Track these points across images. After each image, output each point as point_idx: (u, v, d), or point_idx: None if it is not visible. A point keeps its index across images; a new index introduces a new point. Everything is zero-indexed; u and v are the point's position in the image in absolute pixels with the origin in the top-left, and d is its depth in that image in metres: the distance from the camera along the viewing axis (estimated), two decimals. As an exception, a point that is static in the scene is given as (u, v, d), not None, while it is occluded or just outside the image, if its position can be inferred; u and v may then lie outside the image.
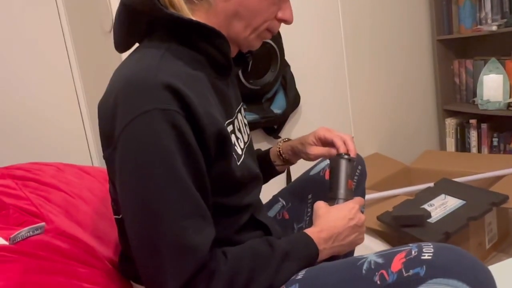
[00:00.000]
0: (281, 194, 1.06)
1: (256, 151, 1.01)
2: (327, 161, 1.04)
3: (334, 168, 0.84)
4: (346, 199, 0.82)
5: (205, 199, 0.63)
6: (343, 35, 1.88)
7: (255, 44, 0.75)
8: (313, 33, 1.80)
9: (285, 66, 1.65)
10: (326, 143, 0.89)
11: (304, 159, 0.94)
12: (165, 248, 0.59)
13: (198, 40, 0.68)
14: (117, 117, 0.61)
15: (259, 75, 1.53)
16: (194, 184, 0.61)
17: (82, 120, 1.65)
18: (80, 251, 0.71)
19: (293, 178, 1.30)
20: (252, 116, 1.56)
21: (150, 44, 0.68)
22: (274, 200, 1.06)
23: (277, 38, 1.56)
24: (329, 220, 0.77)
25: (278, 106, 1.62)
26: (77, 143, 1.65)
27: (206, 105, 0.64)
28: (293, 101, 1.67)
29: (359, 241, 0.80)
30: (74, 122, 1.64)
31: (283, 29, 1.62)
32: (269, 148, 0.99)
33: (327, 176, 1.03)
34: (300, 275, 0.67)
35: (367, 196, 1.54)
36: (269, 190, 1.10)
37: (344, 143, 0.87)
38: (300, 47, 1.75)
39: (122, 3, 0.69)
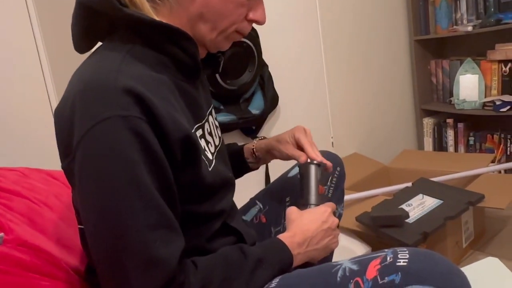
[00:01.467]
0: (258, 197, 1.04)
1: (232, 145, 0.99)
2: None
3: (304, 174, 0.83)
4: (318, 204, 0.81)
5: (173, 209, 0.60)
6: (321, 35, 1.88)
7: (223, 46, 0.72)
8: (291, 32, 1.78)
9: (263, 66, 1.63)
10: (299, 146, 0.88)
11: (277, 157, 0.92)
12: (130, 262, 0.55)
13: (163, 42, 0.64)
14: (74, 125, 0.57)
15: (236, 75, 1.51)
16: (161, 193, 0.58)
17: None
18: (42, 262, 0.67)
19: (272, 180, 1.28)
20: (229, 117, 1.53)
21: (111, 45, 0.64)
22: (251, 203, 1.03)
23: (254, 37, 1.54)
24: (302, 224, 0.75)
25: (256, 107, 1.60)
26: (49, 147, 1.59)
27: (171, 110, 0.61)
28: (271, 101, 1.65)
29: (333, 245, 0.78)
30: (46, 125, 1.58)
31: (260, 28, 1.61)
32: (244, 144, 0.97)
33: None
34: (274, 283, 0.66)
35: (346, 197, 1.53)
36: (247, 192, 1.08)
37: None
38: (278, 47, 1.73)
39: (79, 1, 0.65)
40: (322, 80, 1.91)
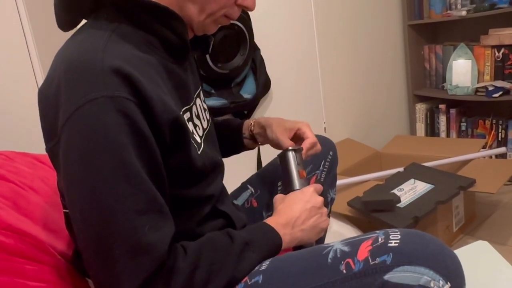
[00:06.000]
0: (250, 181, 1.03)
1: (233, 121, 0.98)
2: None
3: (283, 163, 0.83)
4: (301, 188, 0.81)
5: (162, 193, 0.59)
6: (314, 19, 1.85)
7: (211, 29, 0.70)
8: (284, 16, 1.75)
9: (255, 49, 1.60)
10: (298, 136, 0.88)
11: (266, 135, 0.90)
12: (118, 248, 0.54)
13: (150, 21, 0.62)
14: (60, 106, 0.55)
15: (227, 58, 1.48)
16: (150, 177, 0.56)
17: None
18: (27, 247, 0.65)
19: (264, 165, 1.27)
20: (221, 102, 1.51)
21: (96, 24, 0.62)
22: (243, 187, 1.03)
23: (246, 20, 1.51)
24: (285, 207, 0.75)
25: (248, 91, 1.58)
26: (37, 131, 1.56)
27: (160, 92, 0.59)
28: (264, 85, 1.63)
29: (323, 224, 0.77)
30: (33, 107, 1.54)
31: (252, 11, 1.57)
32: (244, 119, 0.97)
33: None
34: (264, 265, 0.65)
35: (338, 182, 1.53)
36: (239, 177, 1.06)
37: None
38: (270, 30, 1.70)
39: None
40: (315, 65, 1.89)
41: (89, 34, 0.60)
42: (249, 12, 1.53)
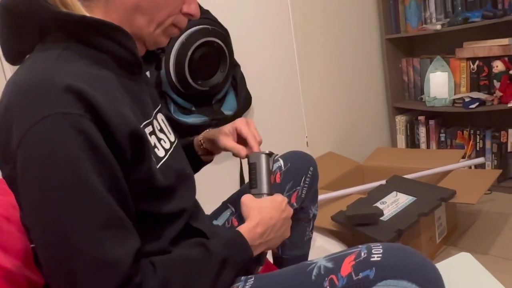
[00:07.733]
0: (230, 200, 1.02)
1: (184, 140, 0.96)
2: (278, 164, 1.01)
3: (255, 164, 0.83)
4: (270, 193, 0.81)
5: (125, 208, 0.58)
6: (293, 35, 1.87)
7: (161, 41, 0.70)
8: (264, 31, 1.77)
9: (235, 66, 1.60)
10: (241, 138, 0.87)
11: (219, 148, 0.89)
12: (81, 265, 0.53)
13: (98, 38, 0.61)
14: (12, 129, 0.54)
15: (207, 75, 1.48)
16: (109, 192, 0.55)
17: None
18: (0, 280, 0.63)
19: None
20: (202, 119, 1.50)
21: (44, 47, 0.61)
22: (223, 207, 1.01)
23: (226, 36, 1.51)
24: (264, 212, 0.74)
25: (229, 108, 1.57)
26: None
27: (116, 105, 0.58)
28: (244, 102, 1.63)
29: (287, 233, 0.79)
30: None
31: (231, 27, 1.58)
32: (194, 137, 0.95)
33: (278, 180, 1.00)
34: (248, 285, 0.64)
35: (321, 196, 1.53)
36: (221, 195, 1.05)
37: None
38: (250, 46, 1.71)
39: (1, 5, 0.61)
40: (295, 80, 1.90)
41: (38, 57, 0.60)
42: (229, 29, 1.54)
